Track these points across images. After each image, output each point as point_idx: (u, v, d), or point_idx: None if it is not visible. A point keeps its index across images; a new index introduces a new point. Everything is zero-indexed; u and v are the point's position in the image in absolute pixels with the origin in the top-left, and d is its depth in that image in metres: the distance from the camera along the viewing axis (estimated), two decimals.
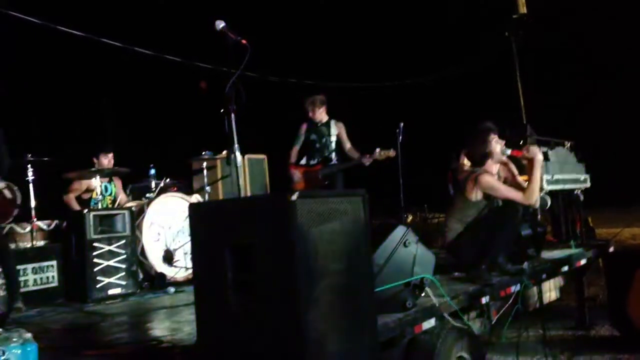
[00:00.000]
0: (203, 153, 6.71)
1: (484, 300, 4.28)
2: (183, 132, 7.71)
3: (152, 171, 6.48)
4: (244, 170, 7.51)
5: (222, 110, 3.42)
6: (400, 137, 6.79)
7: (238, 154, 3.48)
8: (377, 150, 6.16)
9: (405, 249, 3.89)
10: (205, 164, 6.71)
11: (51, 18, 6.39)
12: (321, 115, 6.69)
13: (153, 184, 6.43)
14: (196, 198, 6.48)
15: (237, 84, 3.47)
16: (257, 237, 2.49)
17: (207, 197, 6.60)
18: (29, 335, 2.83)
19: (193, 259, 2.86)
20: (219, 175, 7.32)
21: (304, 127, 6.77)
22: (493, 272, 4.62)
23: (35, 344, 2.80)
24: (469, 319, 4.13)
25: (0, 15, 6.07)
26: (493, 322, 4.47)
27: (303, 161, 6.81)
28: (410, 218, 10.55)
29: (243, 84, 3.51)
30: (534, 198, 4.73)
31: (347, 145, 6.67)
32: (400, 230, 3.91)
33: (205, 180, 6.69)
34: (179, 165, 7.10)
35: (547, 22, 8.80)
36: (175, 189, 6.48)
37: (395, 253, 3.80)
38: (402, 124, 6.80)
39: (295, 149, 6.81)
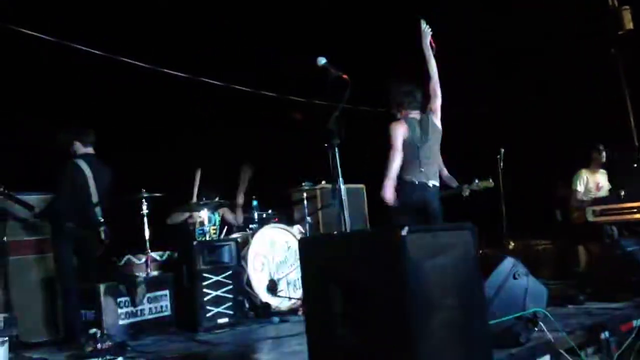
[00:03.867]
0: (303, 184, 6.85)
1: (603, 335, 4.04)
2: (283, 164, 7.91)
3: (255, 203, 6.67)
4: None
5: (325, 145, 3.49)
6: (502, 164, 6.63)
7: (343, 187, 3.53)
8: (476, 180, 5.96)
9: (515, 281, 3.77)
10: (305, 194, 6.85)
11: (155, 60, 6.90)
12: None
13: (256, 216, 6.62)
14: (297, 229, 6.61)
15: (339, 118, 3.55)
16: (368, 272, 2.51)
17: (307, 227, 6.71)
18: None
19: (304, 293, 2.91)
20: (319, 206, 7.43)
21: None
22: None
23: None
24: (586, 355, 3.91)
25: (113, 61, 6.60)
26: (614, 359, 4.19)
27: None
28: (512, 245, 10.15)
29: (344, 118, 3.59)
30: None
31: (445, 172, 6.42)
32: (508, 263, 3.80)
33: (306, 210, 6.81)
34: (279, 196, 7.27)
35: None
36: (277, 220, 6.63)
37: (504, 285, 3.69)
38: (502, 150, 6.65)
39: None
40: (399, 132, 4.77)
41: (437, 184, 5.02)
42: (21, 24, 5.88)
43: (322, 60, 3.79)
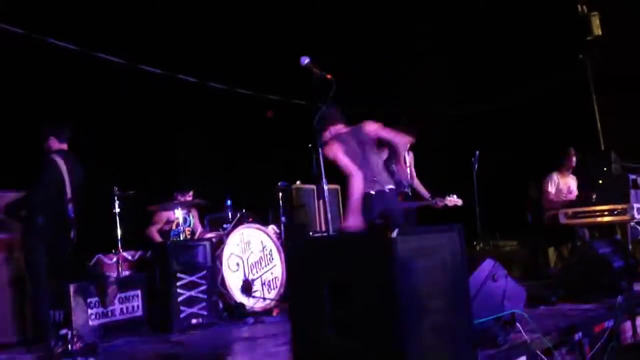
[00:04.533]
0: (278, 183, 6.80)
1: (577, 336, 4.11)
2: (258, 163, 7.86)
3: (229, 202, 6.57)
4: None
5: (310, 145, 3.45)
6: (476, 166, 6.71)
7: (326, 187, 3.51)
8: (448, 197, 6.00)
9: (494, 283, 3.80)
10: (280, 194, 6.79)
11: (130, 55, 6.76)
12: None
13: (230, 215, 6.53)
14: (272, 229, 6.55)
15: (323, 118, 3.52)
16: (357, 274, 2.48)
17: (282, 227, 6.66)
18: None
19: (290, 295, 2.88)
20: (294, 205, 7.38)
21: None
22: None
23: None
24: (560, 356, 3.96)
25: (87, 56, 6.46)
26: None
27: None
28: (480, 245, 10.30)
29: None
30: None
31: (415, 180, 6.40)
32: (487, 264, 3.83)
33: (281, 210, 6.76)
34: (254, 195, 7.20)
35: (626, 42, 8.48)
36: (252, 219, 6.55)
37: (483, 287, 3.71)
38: (477, 152, 6.73)
39: None
40: (339, 153, 4.31)
41: (393, 186, 4.84)
42: None
43: (305, 60, 3.76)
